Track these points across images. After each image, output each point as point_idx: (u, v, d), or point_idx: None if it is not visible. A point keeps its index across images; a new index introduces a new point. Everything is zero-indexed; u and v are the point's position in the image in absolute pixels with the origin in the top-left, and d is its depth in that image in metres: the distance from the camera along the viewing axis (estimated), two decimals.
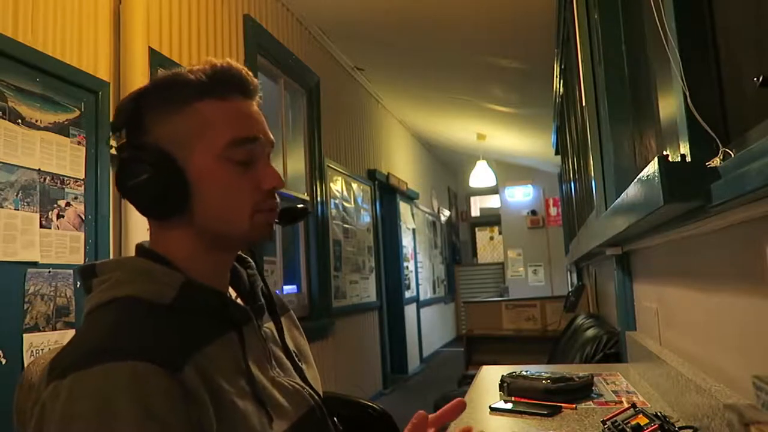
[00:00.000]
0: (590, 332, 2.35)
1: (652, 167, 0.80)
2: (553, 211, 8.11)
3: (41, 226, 1.76)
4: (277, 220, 0.76)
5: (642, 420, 0.98)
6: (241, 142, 0.69)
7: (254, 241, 0.74)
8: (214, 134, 0.68)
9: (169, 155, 0.67)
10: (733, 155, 0.73)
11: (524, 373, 1.43)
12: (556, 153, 5.41)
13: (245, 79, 0.72)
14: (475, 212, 10.22)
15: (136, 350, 0.57)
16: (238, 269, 0.81)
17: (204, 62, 0.71)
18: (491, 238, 10.08)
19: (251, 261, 0.84)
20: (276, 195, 0.73)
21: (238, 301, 0.79)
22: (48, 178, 1.80)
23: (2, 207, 1.64)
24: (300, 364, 0.81)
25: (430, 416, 0.78)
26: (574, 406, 1.27)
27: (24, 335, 1.68)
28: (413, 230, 6.69)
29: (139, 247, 0.73)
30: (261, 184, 0.70)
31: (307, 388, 0.78)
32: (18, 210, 1.69)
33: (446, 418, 0.78)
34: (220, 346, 0.66)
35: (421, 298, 6.78)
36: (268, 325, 0.80)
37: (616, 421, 1.02)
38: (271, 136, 0.74)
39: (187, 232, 0.70)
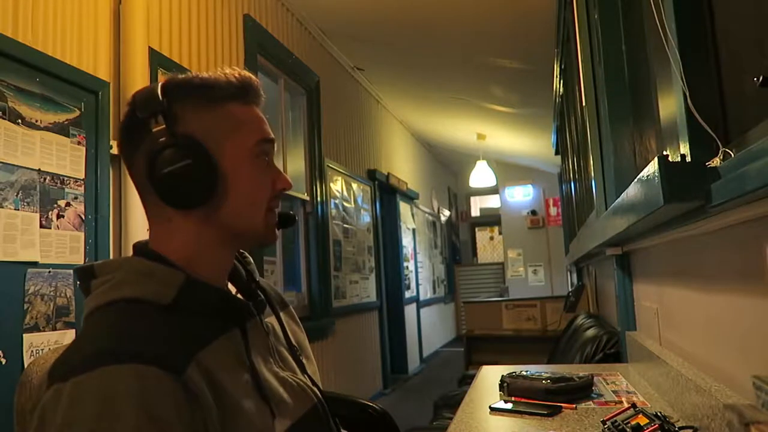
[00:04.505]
0: (590, 332, 2.35)
1: (652, 167, 0.80)
2: (553, 211, 8.11)
3: (41, 226, 1.76)
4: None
5: (642, 420, 0.98)
6: (264, 142, 0.75)
7: (266, 242, 0.76)
8: (246, 132, 0.73)
9: (205, 146, 0.69)
10: (733, 155, 0.73)
11: (524, 373, 1.42)
12: (556, 153, 5.41)
13: (260, 90, 0.78)
14: (475, 212, 10.22)
15: (138, 353, 0.57)
16: (236, 265, 0.81)
17: (222, 69, 0.75)
18: (491, 238, 10.08)
19: (249, 257, 0.85)
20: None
21: (238, 296, 0.79)
22: (48, 178, 1.80)
23: (2, 207, 1.64)
24: (301, 358, 0.82)
25: None
26: (574, 406, 1.27)
27: (24, 335, 1.68)
28: (413, 230, 6.68)
29: (137, 246, 0.73)
30: (275, 183, 0.76)
31: (310, 384, 0.78)
32: (18, 210, 1.69)
33: None
34: (223, 343, 0.66)
35: (421, 298, 6.77)
36: (270, 320, 0.80)
37: (616, 421, 1.02)
38: None
39: (201, 227, 0.71)
